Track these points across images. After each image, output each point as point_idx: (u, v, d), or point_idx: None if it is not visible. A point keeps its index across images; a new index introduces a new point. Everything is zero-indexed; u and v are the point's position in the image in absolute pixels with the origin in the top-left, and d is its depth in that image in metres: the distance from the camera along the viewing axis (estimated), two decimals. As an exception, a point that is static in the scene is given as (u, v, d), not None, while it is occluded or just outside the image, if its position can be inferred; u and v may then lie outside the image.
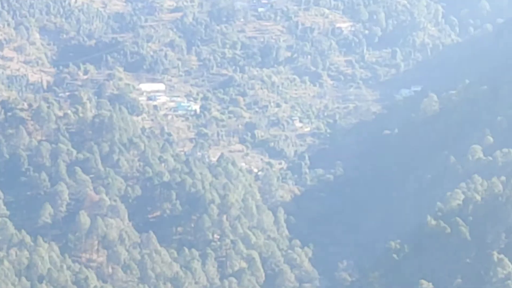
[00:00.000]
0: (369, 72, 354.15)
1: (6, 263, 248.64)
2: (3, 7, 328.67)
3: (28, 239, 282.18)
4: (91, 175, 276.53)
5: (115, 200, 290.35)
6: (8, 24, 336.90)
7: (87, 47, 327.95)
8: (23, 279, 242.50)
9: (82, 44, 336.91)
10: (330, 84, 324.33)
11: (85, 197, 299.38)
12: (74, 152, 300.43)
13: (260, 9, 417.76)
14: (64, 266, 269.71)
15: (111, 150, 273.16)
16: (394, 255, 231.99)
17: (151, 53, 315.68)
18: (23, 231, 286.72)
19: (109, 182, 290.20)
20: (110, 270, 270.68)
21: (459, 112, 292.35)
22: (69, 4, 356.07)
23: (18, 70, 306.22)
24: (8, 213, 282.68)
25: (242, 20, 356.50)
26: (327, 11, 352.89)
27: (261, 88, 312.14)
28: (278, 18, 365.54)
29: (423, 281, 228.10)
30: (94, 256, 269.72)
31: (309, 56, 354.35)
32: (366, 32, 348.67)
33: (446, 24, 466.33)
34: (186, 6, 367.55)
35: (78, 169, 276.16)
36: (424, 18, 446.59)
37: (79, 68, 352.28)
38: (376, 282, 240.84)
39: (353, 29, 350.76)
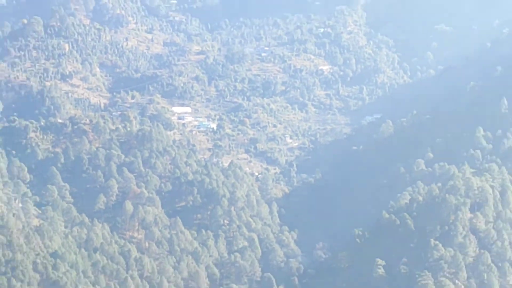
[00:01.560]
0: (343, 103, 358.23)
1: (70, 237, 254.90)
2: (73, 47, 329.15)
3: (86, 220, 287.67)
4: (135, 174, 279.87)
5: (151, 193, 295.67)
6: (76, 60, 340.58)
7: (134, 78, 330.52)
8: (82, 250, 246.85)
9: (131, 76, 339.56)
10: (313, 111, 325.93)
11: (130, 190, 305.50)
12: (123, 156, 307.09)
13: (263, 54, 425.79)
14: (113, 241, 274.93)
15: (150, 156, 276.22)
16: (358, 240, 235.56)
17: (182, 84, 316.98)
18: (83, 214, 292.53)
19: (148, 180, 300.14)
20: (147, 245, 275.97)
21: (408, 134, 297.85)
22: (122, 46, 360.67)
23: (82, 94, 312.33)
24: (72, 200, 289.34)
25: (249, 61, 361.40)
26: (312, 56, 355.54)
27: (262, 113, 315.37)
28: (276, 61, 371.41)
29: (378, 260, 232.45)
30: (135, 234, 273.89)
31: (298, 90, 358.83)
32: (341, 73, 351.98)
33: (400, 69, 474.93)
34: (208, 50, 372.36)
35: (125, 169, 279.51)
36: (384, 64, 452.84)
37: (127, 94, 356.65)
38: (343, 260, 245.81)
39: (331, 70, 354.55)
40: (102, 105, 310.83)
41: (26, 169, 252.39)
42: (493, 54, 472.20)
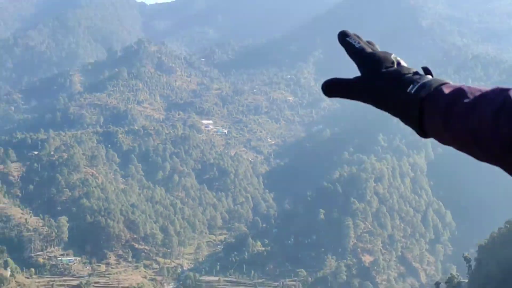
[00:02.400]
0: (301, 119, 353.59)
1: (141, 196, 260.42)
2: (144, 85, 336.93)
3: (151, 185, 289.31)
4: (179, 159, 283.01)
5: (189, 170, 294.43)
6: (146, 93, 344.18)
7: (180, 104, 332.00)
8: (148, 202, 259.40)
9: (178, 102, 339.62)
10: (284, 124, 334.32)
11: (176, 168, 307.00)
12: (173, 148, 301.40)
13: (254, 90, 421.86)
14: (167, 198, 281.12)
15: (188, 148, 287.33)
16: (309, 198, 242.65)
17: (207, 107, 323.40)
18: (149, 182, 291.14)
19: (187, 162, 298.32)
20: (186, 200, 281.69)
21: (339, 138, 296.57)
22: (172, 85, 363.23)
23: (149, 113, 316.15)
24: (143, 174, 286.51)
25: (246, 94, 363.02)
26: (284, 92, 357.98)
27: (254, 124, 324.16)
28: (262, 94, 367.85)
29: (321, 210, 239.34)
30: (180, 194, 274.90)
31: (275, 111, 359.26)
32: (300, 101, 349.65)
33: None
34: (223, 88, 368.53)
35: (174, 156, 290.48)
36: (324, 96, 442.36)
37: (176, 112, 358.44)
38: (300, 210, 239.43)
39: (294, 100, 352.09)
40: (161, 119, 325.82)
41: (116, 155, 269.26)
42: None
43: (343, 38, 2.47)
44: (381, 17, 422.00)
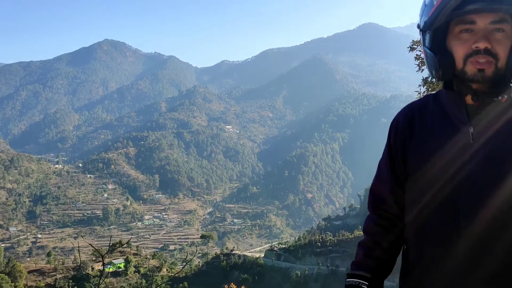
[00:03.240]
0: (275, 125, 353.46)
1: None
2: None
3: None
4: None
5: (219, 152, 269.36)
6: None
7: (215, 117, 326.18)
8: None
9: (214, 117, 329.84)
10: (268, 128, 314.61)
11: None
12: (211, 140, 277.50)
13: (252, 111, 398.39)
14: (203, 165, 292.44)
15: (219, 140, 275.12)
16: (280, 164, 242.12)
17: (229, 119, 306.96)
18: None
19: (217, 148, 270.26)
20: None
21: (295, 134, 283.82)
22: (211, 107, 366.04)
23: (199, 122, 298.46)
24: (195, 150, 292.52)
25: (248, 113, 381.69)
26: (267, 111, 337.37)
27: (253, 128, 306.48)
28: (256, 113, 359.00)
29: (285, 171, 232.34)
30: (215, 162, 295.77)
31: (263, 121, 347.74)
32: (275, 116, 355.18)
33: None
34: (236, 110, 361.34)
35: (211, 144, 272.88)
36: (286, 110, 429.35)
37: (213, 122, 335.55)
38: (275, 171, 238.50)
39: (272, 115, 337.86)
40: (205, 125, 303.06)
41: (183, 143, 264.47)
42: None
43: None
44: (317, 74, 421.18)
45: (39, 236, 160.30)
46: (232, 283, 9.20)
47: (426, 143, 1.47)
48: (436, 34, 1.40)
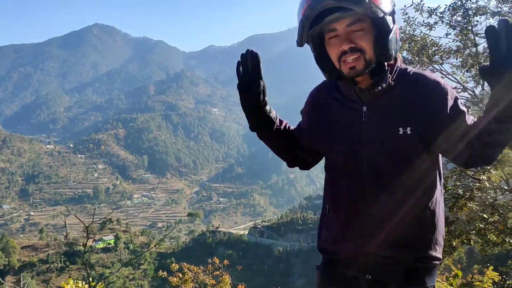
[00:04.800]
0: None
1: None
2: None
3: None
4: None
5: (205, 133, 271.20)
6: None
7: (202, 100, 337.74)
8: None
9: (201, 99, 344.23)
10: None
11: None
12: (198, 122, 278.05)
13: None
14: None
15: (206, 122, 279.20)
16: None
17: (215, 102, 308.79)
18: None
19: (204, 130, 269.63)
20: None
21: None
22: (198, 90, 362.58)
23: (186, 105, 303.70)
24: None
25: (233, 96, 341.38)
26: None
27: (238, 110, 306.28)
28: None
29: (269, 152, 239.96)
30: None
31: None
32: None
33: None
34: (222, 93, 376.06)
35: (198, 126, 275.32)
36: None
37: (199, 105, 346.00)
38: (259, 151, 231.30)
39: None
40: (192, 108, 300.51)
41: (170, 125, 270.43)
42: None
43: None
44: (300, 59, 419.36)
45: (32, 213, 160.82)
46: (215, 258, 9.17)
47: (329, 122, 1.65)
48: (315, 45, 1.58)
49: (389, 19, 1.46)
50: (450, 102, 1.49)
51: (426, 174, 1.57)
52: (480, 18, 7.48)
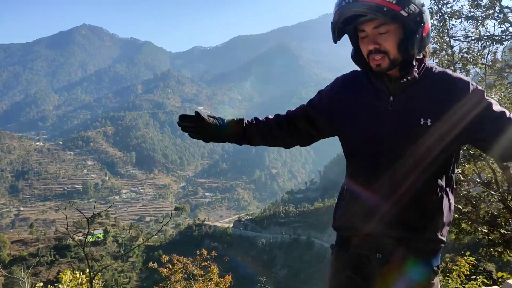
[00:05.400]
0: (243, 105, 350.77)
1: None
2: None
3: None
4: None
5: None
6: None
7: (187, 99, 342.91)
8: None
9: (187, 98, 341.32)
10: (237, 108, 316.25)
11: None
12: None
13: (222, 94, 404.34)
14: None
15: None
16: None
17: (200, 100, 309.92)
18: None
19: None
20: None
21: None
22: (184, 89, 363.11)
23: (173, 103, 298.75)
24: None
25: (218, 95, 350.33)
26: (236, 94, 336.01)
27: (222, 109, 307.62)
28: (225, 95, 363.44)
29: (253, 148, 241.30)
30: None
31: (232, 103, 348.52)
32: (242, 98, 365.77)
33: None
34: (208, 92, 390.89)
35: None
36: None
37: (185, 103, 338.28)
38: (244, 147, 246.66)
39: (240, 97, 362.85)
40: (178, 106, 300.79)
41: (157, 123, 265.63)
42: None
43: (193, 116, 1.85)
44: (282, 60, 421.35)
45: (22, 209, 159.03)
46: (203, 249, 9.21)
47: (356, 107, 1.74)
48: (351, 40, 1.68)
49: (414, 19, 1.52)
50: (473, 100, 1.56)
51: (440, 163, 1.63)
52: (455, 22, 7.61)
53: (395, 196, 1.63)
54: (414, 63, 1.59)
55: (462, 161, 6.95)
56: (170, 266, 8.94)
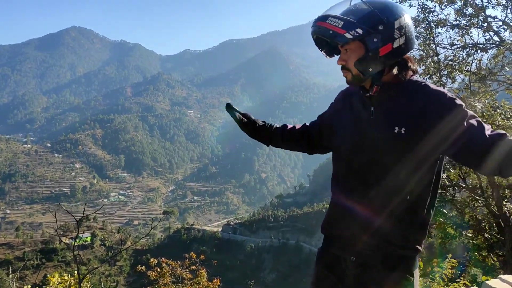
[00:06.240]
0: None
1: None
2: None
3: None
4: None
5: (181, 134, 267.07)
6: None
7: (178, 102, 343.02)
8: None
9: (177, 101, 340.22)
10: (226, 112, 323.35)
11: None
12: (174, 123, 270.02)
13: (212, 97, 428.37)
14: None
15: (181, 124, 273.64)
16: (237, 146, 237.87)
17: (190, 104, 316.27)
18: None
19: (180, 131, 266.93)
20: None
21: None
22: (174, 92, 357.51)
23: (162, 106, 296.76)
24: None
25: (208, 99, 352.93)
26: (226, 97, 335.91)
27: (212, 113, 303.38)
28: (215, 99, 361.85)
29: (242, 152, 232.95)
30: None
31: (221, 106, 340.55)
32: (232, 102, 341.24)
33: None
34: (198, 95, 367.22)
35: (174, 127, 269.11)
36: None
37: (175, 106, 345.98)
38: (234, 152, 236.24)
39: (230, 101, 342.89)
40: (168, 109, 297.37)
41: (147, 126, 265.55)
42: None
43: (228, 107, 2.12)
44: (272, 64, 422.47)
45: (8, 211, 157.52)
46: (192, 253, 9.21)
47: (347, 116, 1.86)
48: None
49: (370, 39, 1.63)
50: (450, 113, 1.61)
51: (417, 172, 1.69)
52: (441, 30, 7.76)
53: (370, 202, 1.72)
54: (378, 80, 1.72)
55: (448, 166, 7.06)
56: (159, 269, 8.95)
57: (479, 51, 7.34)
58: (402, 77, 1.72)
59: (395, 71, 1.71)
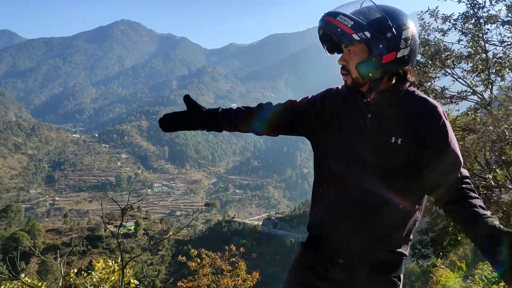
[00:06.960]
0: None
1: None
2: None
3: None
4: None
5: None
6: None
7: (221, 96, 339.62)
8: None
9: (221, 95, 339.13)
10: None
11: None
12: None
13: (257, 91, 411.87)
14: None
15: None
16: (279, 140, 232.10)
17: (234, 97, 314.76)
18: None
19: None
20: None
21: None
22: (218, 86, 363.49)
23: (206, 100, 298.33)
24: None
25: (252, 93, 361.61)
26: (270, 91, 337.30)
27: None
28: (260, 92, 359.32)
29: (284, 147, 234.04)
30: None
31: (266, 100, 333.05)
32: (276, 96, 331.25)
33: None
34: (241, 89, 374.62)
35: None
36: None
37: (219, 100, 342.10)
38: (276, 146, 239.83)
39: (275, 96, 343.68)
40: (212, 103, 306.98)
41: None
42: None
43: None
44: (317, 59, 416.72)
45: (57, 198, 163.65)
46: (232, 245, 9.35)
47: (340, 118, 1.81)
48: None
49: (376, 45, 1.61)
50: (440, 129, 1.66)
51: (409, 180, 1.70)
52: (490, 26, 7.56)
53: (361, 206, 1.71)
54: (376, 85, 1.70)
55: (494, 167, 6.91)
56: (199, 260, 9.13)
57: (531, 48, 7.11)
58: (400, 87, 1.72)
59: (394, 80, 1.72)
